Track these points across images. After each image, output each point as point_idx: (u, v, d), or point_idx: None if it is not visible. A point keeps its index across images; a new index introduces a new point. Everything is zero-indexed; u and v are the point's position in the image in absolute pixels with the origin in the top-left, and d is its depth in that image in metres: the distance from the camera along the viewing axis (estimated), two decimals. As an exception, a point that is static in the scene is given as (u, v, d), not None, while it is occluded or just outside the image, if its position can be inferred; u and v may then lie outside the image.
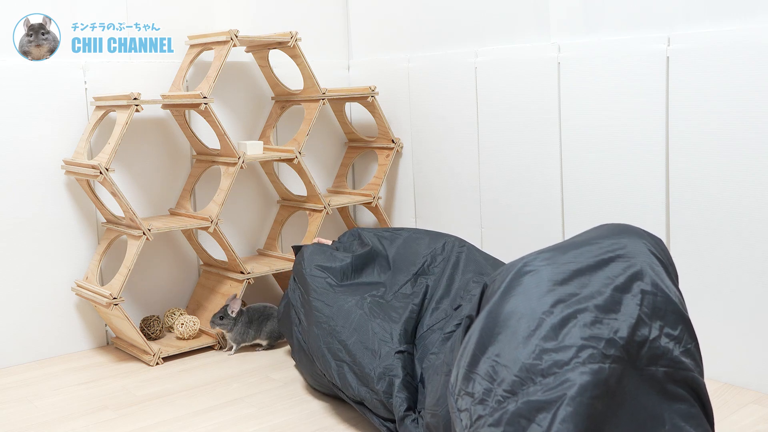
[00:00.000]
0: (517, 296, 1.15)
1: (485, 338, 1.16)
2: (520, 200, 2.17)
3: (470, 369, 1.16)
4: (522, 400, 1.08)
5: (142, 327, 2.19)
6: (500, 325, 1.15)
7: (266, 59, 2.40)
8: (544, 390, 1.07)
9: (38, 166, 2.08)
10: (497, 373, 1.12)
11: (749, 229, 1.69)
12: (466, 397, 1.16)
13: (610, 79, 1.91)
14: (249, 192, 2.50)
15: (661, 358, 1.15)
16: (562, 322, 1.11)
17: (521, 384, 1.09)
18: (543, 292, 1.14)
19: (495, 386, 1.12)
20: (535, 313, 1.12)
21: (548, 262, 1.17)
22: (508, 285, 1.17)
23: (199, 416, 1.70)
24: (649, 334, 1.15)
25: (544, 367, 1.09)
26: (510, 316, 1.14)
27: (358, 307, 1.69)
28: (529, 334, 1.11)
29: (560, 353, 1.09)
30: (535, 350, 1.10)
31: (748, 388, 1.74)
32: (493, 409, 1.11)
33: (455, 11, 2.34)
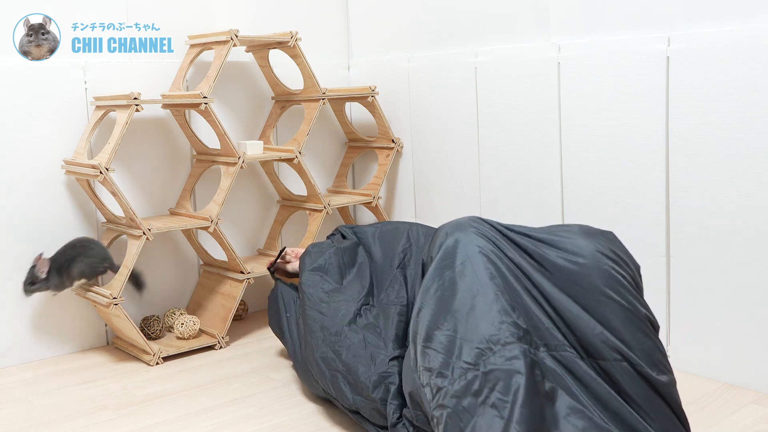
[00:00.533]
0: (469, 275, 1.24)
1: (439, 314, 1.23)
2: (520, 200, 2.17)
3: (426, 344, 1.23)
4: (484, 369, 1.16)
5: (142, 327, 2.19)
6: (455, 300, 1.23)
7: (266, 59, 2.40)
8: (505, 359, 1.16)
9: (38, 166, 2.08)
10: (453, 347, 1.20)
11: (749, 229, 1.69)
12: (425, 372, 1.22)
13: (610, 79, 1.91)
14: (249, 192, 2.50)
15: (601, 352, 1.21)
16: (512, 301, 1.22)
17: (482, 354, 1.17)
18: (493, 273, 1.24)
19: (453, 359, 1.19)
20: (491, 288, 1.22)
21: (491, 254, 1.26)
22: (462, 260, 1.26)
23: (199, 416, 1.70)
24: (589, 331, 1.22)
25: (503, 337, 1.17)
26: (465, 294, 1.23)
27: (351, 319, 1.68)
28: (487, 307, 1.20)
29: (515, 328, 1.18)
30: (494, 321, 1.19)
31: (748, 388, 1.74)
32: (453, 380, 1.18)
33: (455, 11, 2.34)
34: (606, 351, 1.20)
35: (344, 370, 1.58)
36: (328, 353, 1.63)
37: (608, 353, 1.20)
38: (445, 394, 1.17)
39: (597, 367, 1.21)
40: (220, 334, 2.17)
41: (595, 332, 1.21)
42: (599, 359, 1.21)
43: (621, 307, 1.22)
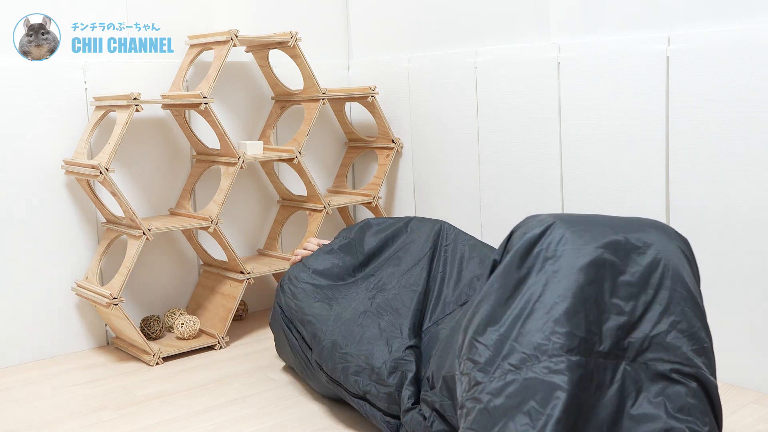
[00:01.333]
0: (535, 279, 1.20)
1: (497, 311, 1.21)
2: (520, 200, 2.17)
3: (476, 337, 1.21)
4: (525, 376, 1.13)
5: (142, 327, 2.19)
6: (515, 303, 1.19)
7: (266, 59, 2.40)
8: (548, 371, 1.12)
9: (38, 166, 2.08)
10: (503, 347, 1.17)
11: (749, 229, 1.69)
12: (468, 362, 1.21)
13: (610, 79, 1.91)
14: (249, 192, 2.50)
15: (666, 352, 1.17)
16: (575, 309, 1.15)
17: (527, 360, 1.14)
18: (561, 278, 1.18)
19: (500, 359, 1.17)
20: (552, 296, 1.17)
21: (573, 247, 1.20)
22: (532, 262, 1.21)
23: (199, 416, 1.70)
24: (654, 329, 1.18)
25: (551, 348, 1.13)
26: (527, 298, 1.19)
27: (363, 307, 1.70)
28: (542, 316, 1.16)
29: (567, 339, 1.13)
30: (545, 331, 1.15)
31: (748, 388, 1.74)
32: (493, 379, 1.16)
33: (455, 11, 2.34)
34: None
35: (356, 354, 1.58)
36: (339, 338, 1.63)
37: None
38: (482, 390, 1.16)
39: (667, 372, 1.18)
40: (220, 334, 2.17)
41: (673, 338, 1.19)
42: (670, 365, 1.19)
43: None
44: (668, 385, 1.16)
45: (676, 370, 1.16)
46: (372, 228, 1.96)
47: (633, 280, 1.19)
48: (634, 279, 1.19)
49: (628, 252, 1.21)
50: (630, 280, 1.19)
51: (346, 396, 1.61)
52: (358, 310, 1.70)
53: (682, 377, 1.16)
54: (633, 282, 1.19)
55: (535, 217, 1.28)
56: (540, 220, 1.25)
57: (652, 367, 1.17)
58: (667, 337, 1.17)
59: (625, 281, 1.19)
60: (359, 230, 1.96)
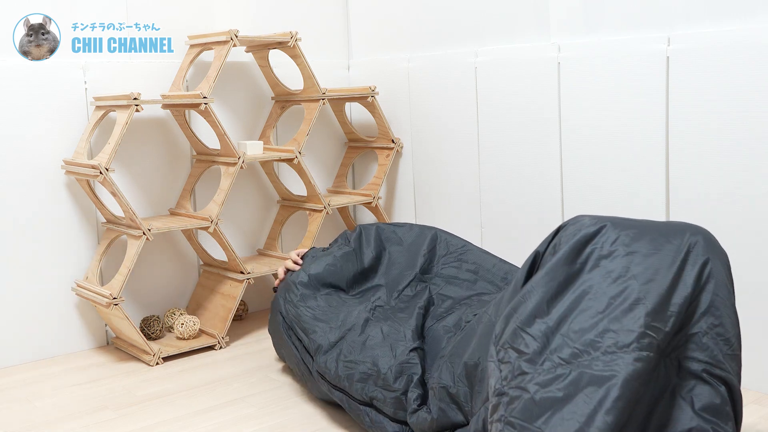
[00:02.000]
0: (590, 275, 1.21)
1: (547, 303, 1.21)
2: (520, 200, 2.17)
3: (523, 327, 1.20)
4: (576, 370, 1.14)
5: (142, 327, 2.19)
6: (566, 297, 1.20)
7: (266, 59, 2.40)
8: (601, 366, 1.13)
9: (38, 166, 2.08)
10: (552, 340, 1.18)
11: (749, 229, 1.69)
12: (511, 351, 1.20)
13: (610, 79, 1.91)
14: (249, 192, 2.50)
15: (701, 352, 1.19)
16: (630, 307, 1.16)
17: (578, 355, 1.15)
18: (616, 277, 1.19)
19: (548, 352, 1.17)
20: (605, 296, 1.18)
21: (627, 250, 1.21)
22: (585, 259, 1.22)
23: (199, 416, 1.70)
24: (693, 329, 1.19)
25: (604, 345, 1.14)
26: (579, 293, 1.20)
27: (365, 315, 1.71)
28: (594, 314, 1.17)
29: (621, 335, 1.14)
30: (599, 328, 1.16)
31: (748, 388, 1.74)
32: (543, 371, 1.16)
33: (455, 11, 2.34)
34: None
35: (361, 361, 1.58)
36: (342, 346, 1.63)
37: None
38: (529, 380, 1.16)
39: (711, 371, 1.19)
40: (220, 334, 2.17)
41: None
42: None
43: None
44: (698, 383, 1.17)
45: (708, 371, 1.18)
46: (372, 236, 1.97)
47: (688, 280, 1.20)
48: (690, 280, 1.20)
49: (680, 254, 1.22)
50: (686, 280, 1.20)
51: (350, 403, 1.60)
52: (360, 318, 1.70)
53: (712, 378, 1.18)
54: (687, 282, 1.20)
55: (584, 216, 1.29)
56: (592, 219, 1.26)
57: (685, 364, 1.18)
58: (704, 338, 1.19)
59: (682, 281, 1.20)
60: (358, 239, 1.97)
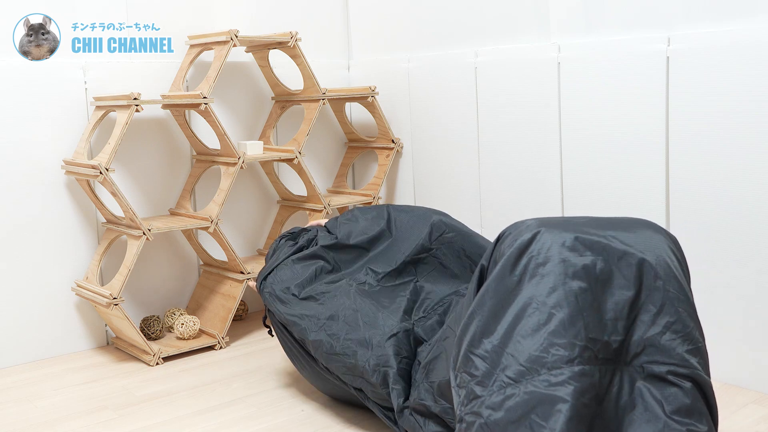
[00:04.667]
0: (529, 286, 1.18)
1: (490, 322, 1.19)
2: (520, 200, 2.17)
3: (471, 349, 1.20)
4: (525, 389, 1.12)
5: (142, 327, 2.19)
6: (509, 312, 1.18)
7: (266, 59, 2.40)
8: (548, 384, 1.11)
9: (38, 166, 2.08)
10: (500, 359, 1.16)
11: (749, 229, 1.69)
12: (464, 375, 1.20)
13: (610, 79, 1.91)
14: (249, 192, 2.50)
15: (662, 354, 1.16)
16: (571, 319, 1.14)
17: (526, 373, 1.13)
18: (555, 286, 1.16)
19: (497, 372, 1.16)
20: (546, 306, 1.15)
21: (561, 256, 1.18)
22: (522, 270, 1.19)
23: (199, 416, 1.70)
24: (649, 332, 1.17)
25: (550, 361, 1.12)
26: (520, 307, 1.17)
27: (344, 295, 1.65)
28: (538, 327, 1.15)
29: (566, 350, 1.12)
30: (543, 343, 1.13)
31: (748, 388, 1.74)
32: (492, 392, 1.15)
33: (455, 11, 2.34)
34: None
35: (343, 353, 1.55)
36: (327, 338, 1.59)
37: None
38: (481, 403, 1.15)
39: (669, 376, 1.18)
40: (220, 335, 2.17)
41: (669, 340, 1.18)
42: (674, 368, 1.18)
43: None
44: (665, 386, 1.16)
45: (672, 372, 1.16)
46: (354, 223, 1.87)
47: (626, 283, 1.18)
48: (628, 282, 1.18)
49: (619, 254, 1.19)
50: (624, 282, 1.18)
51: (349, 388, 1.59)
52: (344, 306, 1.63)
53: (678, 378, 1.16)
54: (627, 284, 1.18)
55: (522, 223, 1.25)
56: (528, 225, 1.23)
57: (648, 369, 1.16)
58: (662, 339, 1.17)
59: (619, 284, 1.18)
60: (342, 224, 1.87)
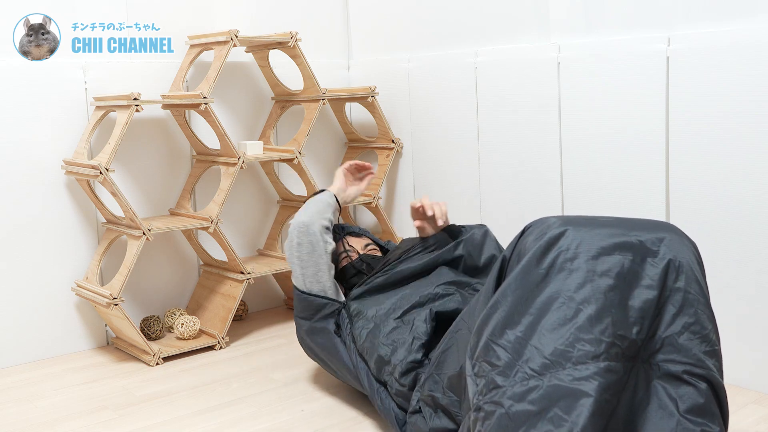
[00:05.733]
0: (557, 280, 1.18)
1: (515, 313, 1.19)
2: (520, 200, 2.17)
3: (494, 339, 1.19)
4: (549, 383, 1.12)
5: (142, 327, 2.19)
6: (534, 305, 1.18)
7: (266, 59, 2.40)
8: (573, 378, 1.11)
9: (38, 166, 2.08)
10: (523, 351, 1.16)
11: (749, 229, 1.69)
12: (484, 365, 1.19)
13: (610, 79, 1.91)
14: (249, 192, 2.50)
15: (679, 353, 1.17)
16: (598, 315, 1.14)
17: (550, 367, 1.13)
18: (583, 281, 1.17)
19: (520, 363, 1.15)
20: (573, 301, 1.16)
21: (591, 253, 1.19)
22: (550, 264, 1.19)
23: (199, 416, 1.70)
24: (668, 331, 1.18)
25: (576, 356, 1.12)
26: (546, 300, 1.17)
27: (399, 303, 1.66)
28: (564, 322, 1.15)
29: (593, 345, 1.13)
30: (569, 338, 1.14)
31: (748, 388, 1.74)
32: (515, 383, 1.14)
33: (455, 11, 2.34)
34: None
35: (382, 344, 1.58)
36: (376, 325, 1.62)
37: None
38: (502, 394, 1.14)
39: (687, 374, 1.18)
40: (220, 335, 2.17)
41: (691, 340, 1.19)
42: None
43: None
44: (680, 385, 1.16)
45: (688, 372, 1.16)
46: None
47: (651, 283, 1.18)
48: (653, 282, 1.18)
49: (645, 254, 1.20)
50: (648, 282, 1.18)
51: (369, 377, 1.60)
52: (394, 305, 1.65)
53: (693, 378, 1.16)
54: (651, 285, 1.18)
55: (548, 218, 1.26)
56: (556, 221, 1.23)
57: (665, 367, 1.17)
58: (680, 339, 1.18)
59: (645, 284, 1.18)
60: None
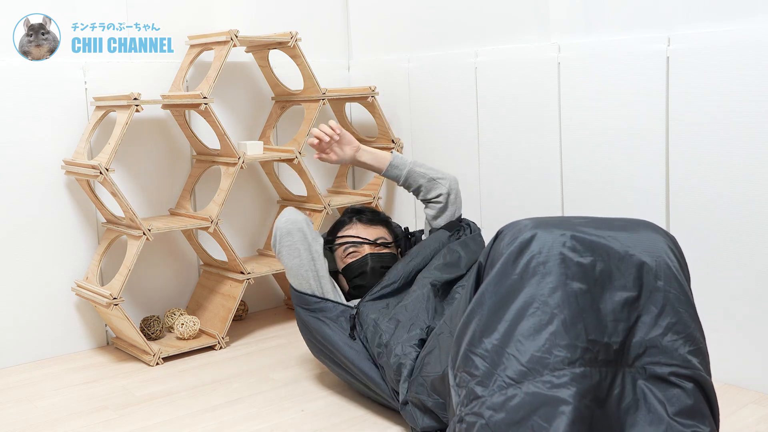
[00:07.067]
0: (530, 285, 1.17)
1: (490, 321, 1.18)
2: (520, 200, 2.17)
3: (472, 348, 1.19)
4: (526, 390, 1.12)
5: (142, 327, 2.18)
6: (510, 311, 1.17)
7: (266, 59, 2.40)
8: (551, 386, 1.11)
9: (38, 166, 2.08)
10: (500, 359, 1.15)
11: (749, 229, 1.69)
12: (464, 375, 1.19)
13: (610, 79, 1.91)
14: (249, 192, 2.50)
15: (664, 355, 1.16)
16: (572, 320, 1.14)
17: (527, 374, 1.13)
18: (556, 286, 1.16)
19: (498, 371, 1.15)
20: (548, 306, 1.15)
21: (562, 255, 1.17)
22: (523, 269, 1.18)
23: (199, 416, 1.70)
24: (650, 333, 1.17)
25: (552, 362, 1.12)
26: (521, 306, 1.16)
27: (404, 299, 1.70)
28: (540, 328, 1.14)
29: (568, 351, 1.12)
30: (545, 344, 1.13)
31: (748, 388, 1.74)
32: (493, 392, 1.14)
33: (455, 11, 2.34)
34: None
35: (385, 331, 1.61)
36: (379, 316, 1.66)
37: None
38: (482, 404, 1.15)
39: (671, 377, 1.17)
40: (220, 335, 2.17)
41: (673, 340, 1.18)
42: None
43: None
44: (667, 388, 1.16)
45: (674, 373, 1.16)
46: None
47: (627, 284, 1.17)
48: (628, 283, 1.17)
49: (620, 256, 1.19)
50: (624, 284, 1.17)
51: (365, 355, 1.64)
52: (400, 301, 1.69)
53: (680, 379, 1.16)
54: (627, 285, 1.17)
55: (519, 222, 1.25)
56: (526, 225, 1.23)
57: (650, 370, 1.16)
58: (663, 340, 1.17)
59: (620, 285, 1.17)
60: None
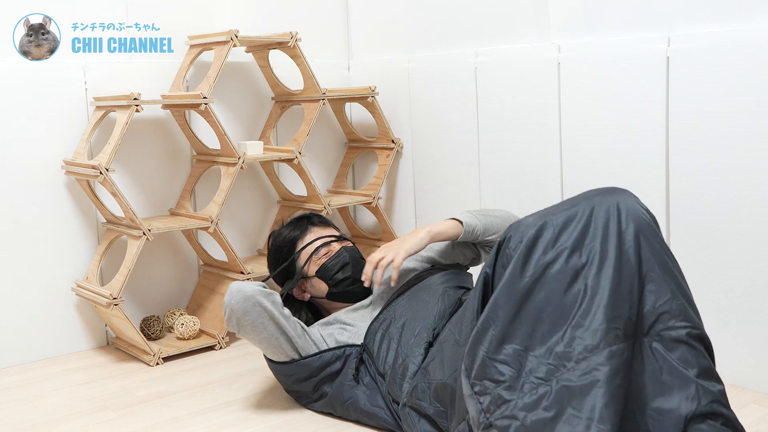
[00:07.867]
0: (542, 285, 1.19)
1: (508, 328, 1.19)
2: (520, 200, 2.17)
3: (492, 356, 1.19)
4: (557, 386, 1.13)
5: (142, 327, 2.19)
6: (527, 316, 1.19)
7: (266, 59, 2.40)
8: (579, 374, 1.12)
9: (38, 166, 2.08)
10: (525, 362, 1.17)
11: (749, 229, 1.69)
12: (487, 382, 1.19)
13: (610, 79, 1.91)
14: (249, 192, 2.50)
15: (675, 318, 1.18)
16: (587, 307, 1.16)
17: (554, 371, 1.14)
18: (567, 280, 1.18)
19: (525, 374, 1.16)
20: (563, 302, 1.17)
21: (570, 248, 1.20)
22: (532, 271, 1.20)
23: (199, 416, 1.70)
24: (661, 299, 1.18)
25: (576, 353, 1.14)
26: (538, 309, 1.18)
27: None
28: (559, 325, 1.16)
29: (588, 338, 1.14)
30: (566, 339, 1.15)
31: (748, 388, 1.74)
32: (523, 394, 1.15)
33: (455, 11, 2.34)
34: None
35: (392, 332, 1.61)
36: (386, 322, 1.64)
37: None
38: (513, 407, 1.15)
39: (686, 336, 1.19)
40: (220, 335, 2.17)
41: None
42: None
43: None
44: (686, 349, 1.17)
45: (689, 334, 1.17)
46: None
47: (628, 258, 1.19)
48: (629, 257, 1.19)
49: (615, 231, 1.21)
50: (626, 258, 1.19)
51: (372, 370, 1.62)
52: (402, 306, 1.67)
53: (693, 339, 1.18)
54: (628, 260, 1.19)
55: (521, 222, 1.26)
56: (528, 224, 1.24)
57: (667, 335, 1.17)
58: (673, 304, 1.18)
59: (623, 261, 1.19)
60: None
